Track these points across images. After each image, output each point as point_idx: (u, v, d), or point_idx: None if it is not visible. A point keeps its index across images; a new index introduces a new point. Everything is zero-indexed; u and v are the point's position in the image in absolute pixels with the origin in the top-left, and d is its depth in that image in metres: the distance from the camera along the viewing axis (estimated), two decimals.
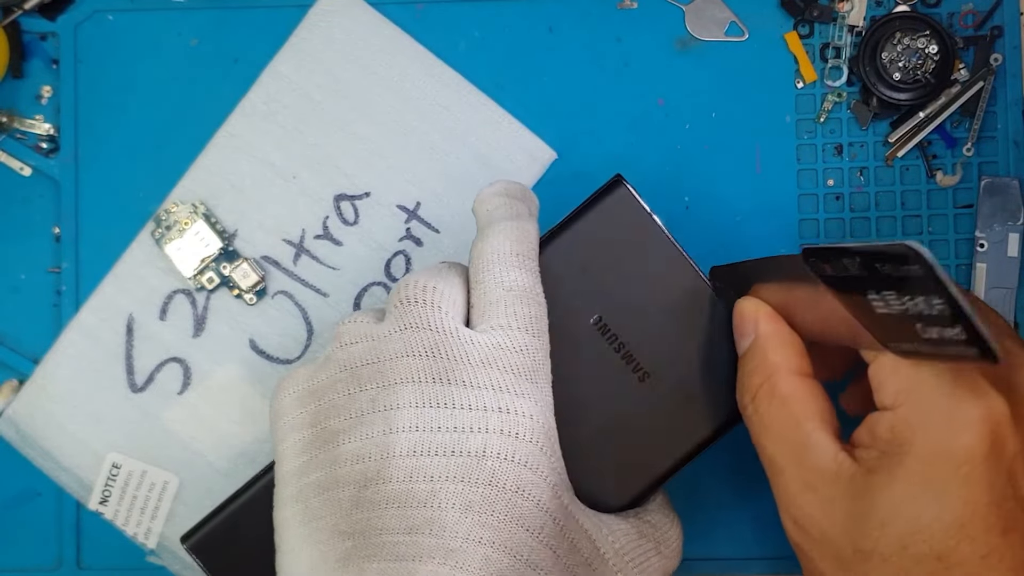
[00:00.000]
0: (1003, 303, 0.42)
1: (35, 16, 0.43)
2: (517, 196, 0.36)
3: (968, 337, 0.25)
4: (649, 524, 0.35)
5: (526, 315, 0.33)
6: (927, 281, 0.25)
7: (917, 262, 0.25)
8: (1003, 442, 0.30)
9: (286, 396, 0.34)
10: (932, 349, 0.27)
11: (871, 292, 0.27)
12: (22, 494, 0.43)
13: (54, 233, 0.43)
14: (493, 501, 0.31)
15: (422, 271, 0.34)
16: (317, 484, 0.33)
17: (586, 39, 0.43)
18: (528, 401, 0.32)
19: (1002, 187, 0.42)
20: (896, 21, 0.42)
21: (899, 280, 0.26)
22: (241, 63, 0.43)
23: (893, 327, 0.28)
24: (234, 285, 0.42)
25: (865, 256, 0.27)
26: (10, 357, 0.43)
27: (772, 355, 0.33)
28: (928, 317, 0.26)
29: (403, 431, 0.32)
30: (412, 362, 0.32)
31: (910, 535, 0.30)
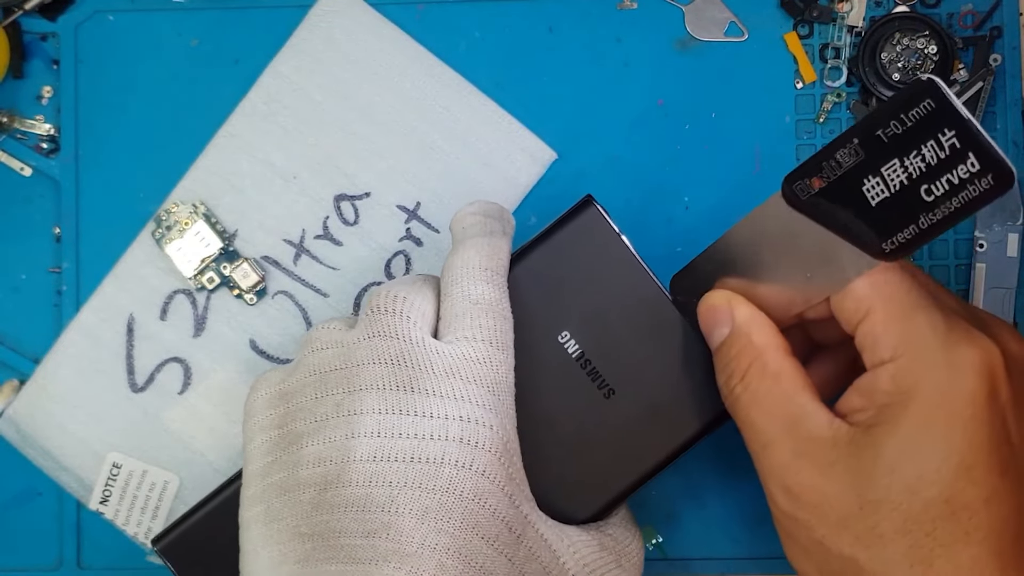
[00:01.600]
0: (1003, 303, 0.42)
1: (35, 16, 0.43)
2: (493, 215, 0.37)
3: (982, 166, 0.26)
4: (611, 537, 0.36)
5: (490, 328, 0.34)
6: (939, 115, 0.26)
7: (930, 95, 0.26)
8: (999, 386, 0.31)
9: (257, 398, 0.35)
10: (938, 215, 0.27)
11: (868, 178, 0.28)
12: (22, 494, 0.43)
13: (55, 233, 0.43)
14: (449, 508, 0.32)
15: (395, 282, 0.35)
16: (279, 485, 0.33)
17: (586, 39, 0.43)
18: (488, 412, 0.33)
19: None
20: (895, 22, 0.42)
21: (905, 135, 0.27)
22: (241, 63, 0.43)
23: (892, 213, 0.28)
24: (234, 285, 0.43)
25: (866, 128, 0.27)
26: (10, 357, 0.43)
27: (757, 337, 0.34)
28: (935, 168, 0.27)
29: (364, 436, 0.32)
30: (378, 369, 0.33)
31: (919, 479, 0.30)
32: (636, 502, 0.42)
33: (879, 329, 0.31)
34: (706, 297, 0.35)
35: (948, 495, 0.30)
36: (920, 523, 0.30)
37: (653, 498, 0.43)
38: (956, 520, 0.30)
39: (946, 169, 0.26)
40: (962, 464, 0.30)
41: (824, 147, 0.30)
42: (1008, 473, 0.31)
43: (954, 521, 0.30)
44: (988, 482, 0.30)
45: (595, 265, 0.36)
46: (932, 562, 0.30)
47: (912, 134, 0.27)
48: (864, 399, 0.32)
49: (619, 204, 0.43)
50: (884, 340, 0.31)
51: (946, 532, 0.30)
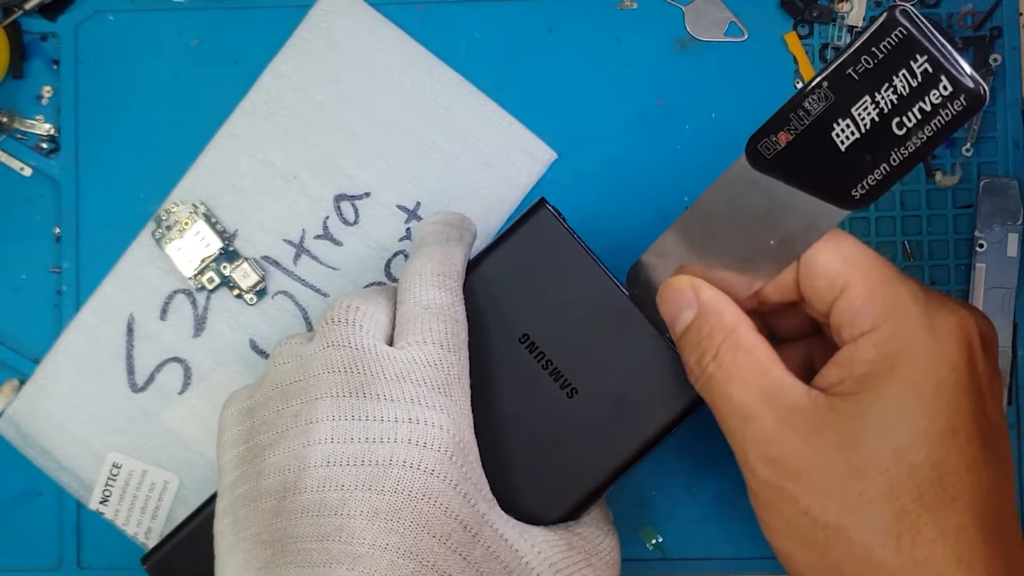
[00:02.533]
0: (1003, 303, 0.42)
1: (35, 16, 0.43)
2: (452, 224, 0.38)
3: (954, 88, 0.27)
4: (580, 536, 0.36)
5: (441, 331, 0.35)
6: (910, 42, 0.27)
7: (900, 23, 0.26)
8: (977, 355, 0.31)
9: (228, 414, 0.36)
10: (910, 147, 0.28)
11: (837, 123, 0.28)
12: (23, 494, 0.43)
13: (55, 233, 0.43)
14: (399, 508, 0.32)
15: (350, 293, 0.36)
16: (245, 496, 0.34)
17: (586, 39, 0.43)
18: (439, 412, 0.33)
19: (1001, 187, 0.42)
20: None
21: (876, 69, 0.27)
22: (241, 63, 0.43)
23: (862, 155, 0.29)
24: (234, 285, 0.43)
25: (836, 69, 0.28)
26: (11, 357, 0.43)
27: (727, 315, 0.34)
28: (906, 98, 0.27)
29: (319, 443, 0.33)
30: (332, 378, 0.34)
31: (907, 443, 0.30)
32: (636, 502, 0.43)
33: (858, 303, 0.32)
34: (668, 282, 0.35)
35: (935, 459, 0.30)
36: (907, 488, 0.30)
37: (653, 498, 0.43)
38: (942, 485, 0.30)
39: (918, 97, 0.27)
40: (948, 428, 0.30)
41: (791, 98, 0.30)
42: (988, 444, 0.31)
43: (940, 486, 0.30)
44: (970, 450, 0.30)
45: (552, 266, 0.37)
46: (920, 529, 0.30)
47: (883, 66, 0.27)
48: (843, 371, 0.32)
49: (619, 204, 0.43)
50: (864, 311, 0.31)
51: (933, 497, 0.30)
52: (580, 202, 0.43)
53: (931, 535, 0.30)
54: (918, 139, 0.28)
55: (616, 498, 0.42)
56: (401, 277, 0.37)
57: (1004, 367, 0.42)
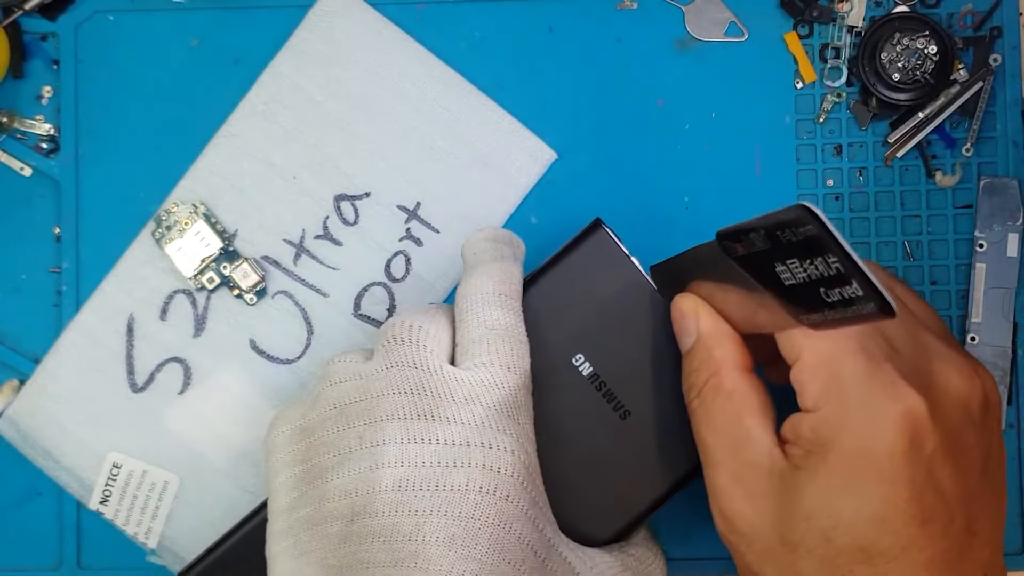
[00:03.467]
0: (1003, 303, 0.42)
1: (35, 16, 0.43)
2: (503, 240, 0.38)
3: (864, 292, 0.26)
4: (633, 557, 0.36)
5: (507, 353, 0.34)
6: (821, 239, 0.27)
7: (811, 221, 0.26)
8: (922, 438, 0.31)
9: (279, 434, 0.36)
10: (837, 314, 0.28)
11: (779, 264, 0.29)
12: (23, 494, 0.43)
13: (55, 233, 0.43)
14: (476, 534, 0.32)
15: (410, 311, 0.36)
16: (307, 519, 0.34)
17: (586, 39, 0.43)
18: (509, 437, 0.33)
19: (1001, 187, 0.42)
20: (895, 21, 0.42)
21: (799, 244, 0.27)
22: (241, 63, 0.43)
23: (802, 297, 0.29)
24: (234, 285, 0.43)
25: (767, 228, 0.28)
26: (11, 357, 0.43)
27: (716, 351, 0.34)
28: (828, 279, 0.27)
29: (389, 466, 0.33)
30: (398, 399, 0.33)
31: (832, 528, 0.31)
32: None
33: (804, 377, 0.32)
34: (676, 300, 0.36)
35: (861, 543, 0.30)
36: (836, 566, 0.31)
37: None
38: (872, 564, 0.30)
39: (837, 284, 0.27)
40: (875, 516, 0.30)
41: (743, 222, 0.30)
42: (931, 521, 0.31)
43: (871, 565, 0.30)
44: (906, 532, 0.30)
45: (606, 287, 0.37)
46: None
47: (804, 246, 0.27)
48: (794, 436, 0.32)
49: (619, 204, 0.43)
50: (808, 390, 0.32)
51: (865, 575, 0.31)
52: (580, 202, 0.43)
53: None
54: (842, 313, 0.28)
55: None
56: (460, 295, 0.36)
57: (1004, 367, 0.42)
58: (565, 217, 0.38)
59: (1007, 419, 0.42)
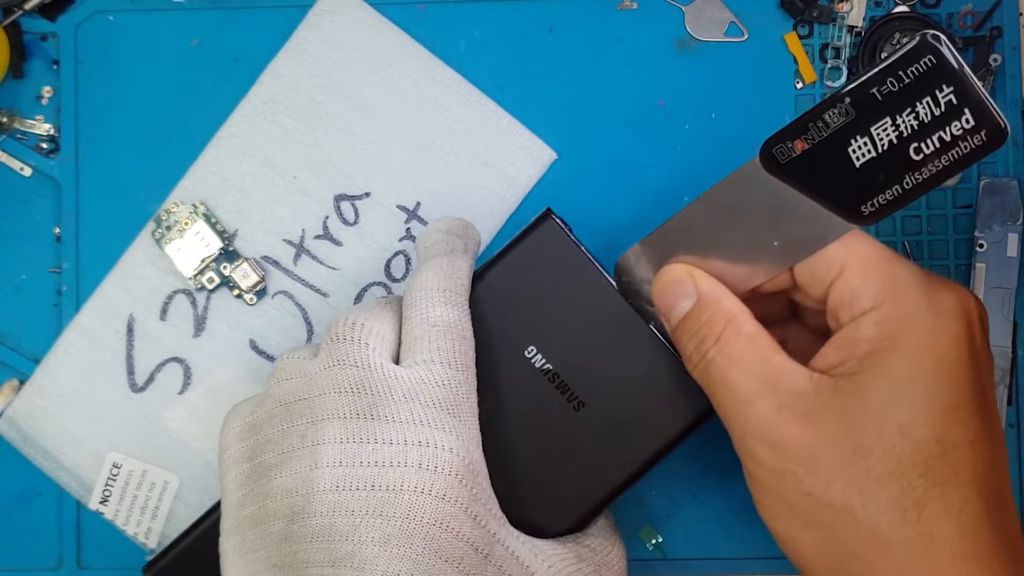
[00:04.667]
0: (1003, 303, 0.42)
1: (35, 16, 0.43)
2: (456, 232, 0.37)
3: (976, 121, 0.27)
4: (588, 548, 0.36)
5: (449, 349, 0.34)
6: (938, 72, 0.27)
7: (931, 51, 0.26)
8: (975, 332, 0.32)
9: (230, 430, 0.36)
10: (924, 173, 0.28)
11: (856, 139, 0.28)
12: (23, 494, 0.43)
13: (55, 233, 0.43)
14: (411, 534, 0.32)
15: (355, 308, 0.36)
16: (252, 517, 0.34)
17: (586, 39, 0.43)
18: (448, 434, 0.33)
19: (1001, 187, 0.42)
20: (895, 22, 0.42)
21: (901, 92, 0.27)
22: (241, 63, 0.43)
23: (876, 174, 0.29)
24: (234, 285, 0.43)
25: (862, 86, 0.28)
26: (11, 357, 0.43)
27: (726, 303, 0.34)
28: (927, 125, 0.27)
29: (327, 466, 0.33)
30: (338, 398, 0.34)
31: (911, 420, 0.30)
32: (636, 502, 0.43)
33: (857, 282, 0.32)
34: (664, 271, 0.35)
35: (939, 434, 0.30)
36: (913, 464, 0.30)
37: (653, 498, 0.43)
38: (947, 460, 0.30)
39: (939, 126, 0.27)
40: (950, 405, 0.30)
41: (812, 108, 0.30)
42: (987, 419, 0.31)
43: (945, 461, 0.30)
44: (972, 425, 0.31)
45: (557, 278, 0.37)
46: (926, 503, 0.30)
47: (908, 91, 0.27)
48: (843, 352, 0.32)
49: (619, 204, 0.43)
50: (864, 291, 0.32)
51: (938, 472, 0.30)
52: (580, 202, 0.43)
53: (936, 509, 0.30)
54: (934, 167, 0.28)
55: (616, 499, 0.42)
56: (407, 291, 0.36)
57: (1004, 367, 0.42)
58: (565, 217, 0.38)
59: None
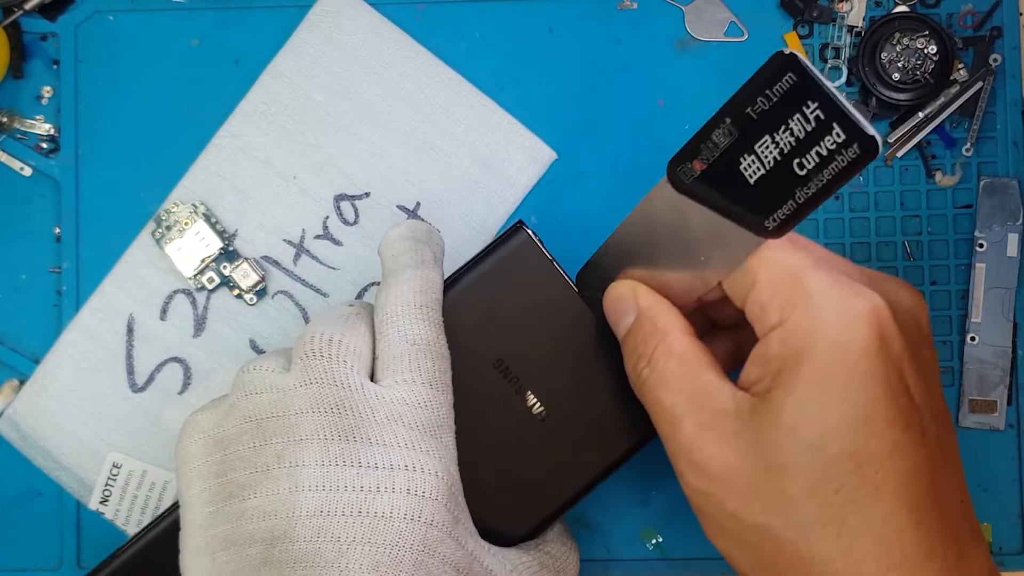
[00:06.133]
0: (1003, 303, 0.42)
1: (35, 16, 0.43)
2: (423, 239, 0.37)
3: (847, 135, 0.27)
4: (549, 555, 0.37)
5: (430, 369, 0.34)
6: (801, 89, 0.27)
7: (791, 69, 0.27)
8: (890, 338, 0.31)
9: (192, 442, 0.34)
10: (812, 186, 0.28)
11: (744, 157, 0.29)
12: (23, 494, 0.43)
13: (55, 233, 0.43)
14: (399, 561, 0.32)
15: (328, 320, 0.35)
16: (224, 538, 0.33)
17: (586, 39, 0.43)
18: (433, 458, 0.33)
19: (1001, 187, 0.42)
20: (895, 21, 0.42)
21: (771, 111, 0.28)
22: (241, 63, 0.43)
23: (770, 190, 0.29)
24: (234, 285, 0.43)
25: (735, 106, 0.29)
26: (11, 357, 0.43)
27: (661, 320, 0.34)
28: (803, 141, 0.27)
29: (309, 490, 0.32)
30: (318, 418, 0.33)
31: (820, 437, 0.30)
32: (636, 502, 0.43)
33: (765, 296, 0.31)
34: (610, 288, 0.36)
35: (852, 449, 0.30)
36: (828, 480, 0.30)
37: (653, 498, 0.43)
38: (863, 474, 0.30)
39: (814, 141, 0.27)
40: (862, 417, 0.30)
41: (701, 127, 0.30)
42: (910, 427, 0.30)
43: (861, 475, 0.30)
44: (889, 435, 0.30)
45: (528, 290, 0.36)
46: (845, 519, 0.30)
47: (779, 109, 0.27)
48: (760, 368, 0.32)
49: (619, 204, 0.42)
50: (771, 305, 0.31)
51: (855, 487, 0.30)
52: (580, 202, 0.43)
53: (857, 525, 0.30)
54: (820, 180, 0.28)
55: (616, 498, 0.43)
56: (380, 305, 0.35)
57: (1004, 367, 0.42)
58: (565, 217, 0.38)
59: (1007, 419, 0.42)
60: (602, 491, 0.42)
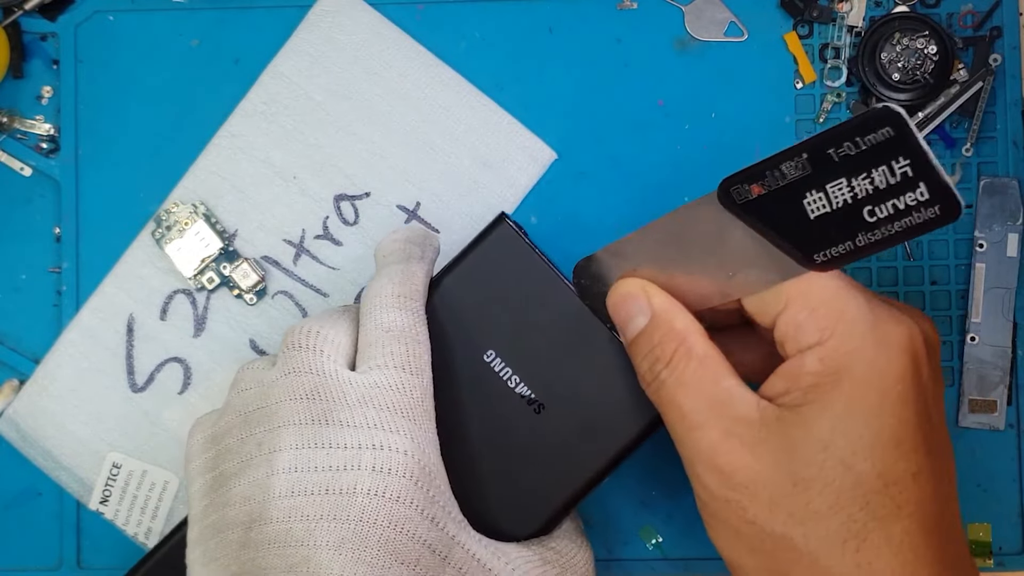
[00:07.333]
0: (1003, 303, 0.42)
1: (35, 16, 0.43)
2: (414, 241, 0.38)
3: (930, 196, 0.27)
4: (553, 551, 0.36)
5: (402, 353, 0.35)
6: (896, 143, 0.27)
7: (891, 123, 0.26)
8: (921, 365, 0.32)
9: (195, 442, 0.36)
10: (877, 235, 0.28)
11: (812, 192, 0.28)
12: (23, 494, 0.43)
13: (55, 233, 0.43)
14: (365, 537, 0.32)
15: (312, 317, 0.36)
16: (213, 526, 0.34)
17: (586, 39, 0.43)
18: (402, 437, 0.33)
19: (1001, 187, 0.42)
20: (895, 21, 0.42)
21: (857, 157, 0.27)
22: (241, 63, 0.43)
23: (830, 228, 0.29)
24: (234, 285, 0.43)
25: (819, 145, 0.28)
26: (11, 357, 0.43)
27: (679, 323, 0.34)
28: (882, 192, 0.27)
29: (283, 472, 0.33)
30: (294, 405, 0.34)
31: (852, 455, 0.31)
32: (636, 502, 0.43)
33: (802, 316, 0.32)
34: (618, 285, 0.35)
35: (881, 469, 0.30)
36: (854, 498, 0.31)
37: (653, 498, 0.43)
38: (888, 494, 0.30)
39: (894, 194, 0.27)
40: (893, 439, 0.31)
41: (771, 156, 0.30)
42: (932, 452, 0.31)
43: (886, 495, 0.30)
44: (915, 458, 0.31)
45: (514, 282, 0.37)
46: (866, 536, 0.30)
47: (865, 157, 0.27)
48: (789, 383, 0.32)
49: (619, 204, 0.43)
50: (809, 325, 0.32)
51: (879, 506, 0.30)
52: (580, 202, 0.43)
53: (877, 542, 0.30)
54: (887, 230, 0.28)
55: (616, 498, 0.43)
56: (362, 298, 0.36)
57: (1004, 367, 0.42)
58: (565, 217, 0.38)
59: (1007, 419, 0.42)
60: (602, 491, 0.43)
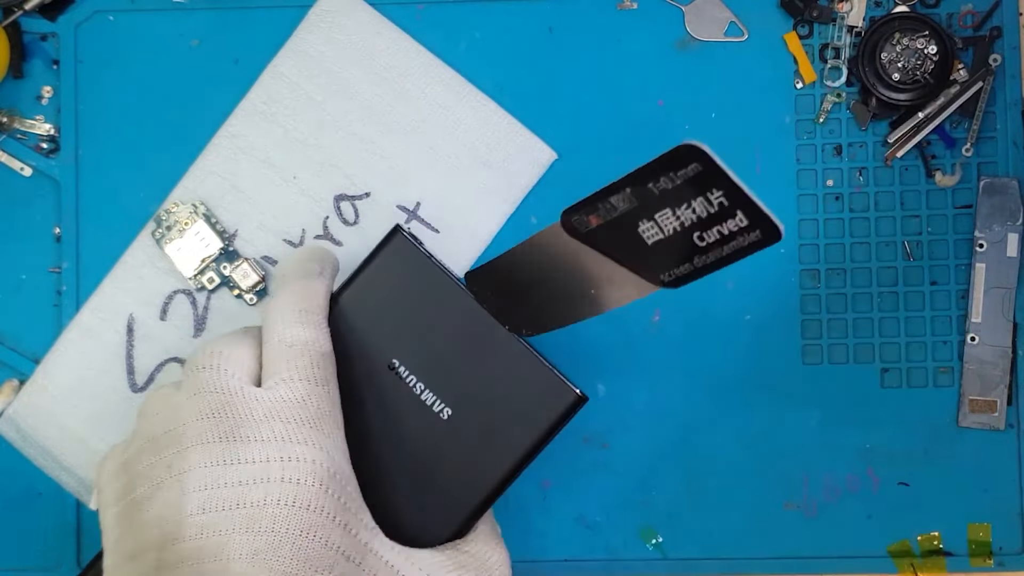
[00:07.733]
0: (1002, 303, 0.42)
1: (35, 16, 0.43)
2: (313, 258, 0.38)
3: (749, 222, 0.27)
4: (468, 554, 0.37)
5: (306, 366, 0.35)
6: (706, 176, 0.27)
7: (697, 159, 0.27)
8: None
9: (104, 472, 0.36)
10: (711, 257, 0.29)
11: (643, 222, 0.29)
12: (23, 494, 0.43)
13: (55, 233, 0.43)
14: (278, 546, 0.32)
15: (215, 338, 0.36)
16: (127, 553, 0.34)
17: (586, 39, 0.43)
18: (310, 447, 0.34)
19: (1001, 187, 0.42)
20: (895, 21, 0.42)
21: (674, 191, 0.28)
22: (241, 63, 0.43)
23: (668, 252, 0.30)
24: (234, 285, 0.43)
25: (637, 180, 0.29)
26: (11, 357, 0.43)
27: None
28: (705, 220, 0.28)
29: (194, 491, 0.33)
30: (201, 424, 0.34)
31: None
32: (636, 502, 0.43)
33: None
34: None
35: None
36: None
37: (653, 498, 0.43)
38: None
39: (716, 221, 0.28)
40: None
41: (600, 189, 0.30)
42: None
43: None
44: None
45: (413, 290, 0.37)
46: None
47: (682, 190, 0.28)
48: None
49: None
50: None
51: None
52: None
53: None
54: (718, 253, 0.29)
55: (616, 498, 0.43)
56: (264, 316, 0.37)
57: (1004, 367, 0.42)
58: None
59: (1007, 419, 0.42)
60: (602, 491, 0.43)
